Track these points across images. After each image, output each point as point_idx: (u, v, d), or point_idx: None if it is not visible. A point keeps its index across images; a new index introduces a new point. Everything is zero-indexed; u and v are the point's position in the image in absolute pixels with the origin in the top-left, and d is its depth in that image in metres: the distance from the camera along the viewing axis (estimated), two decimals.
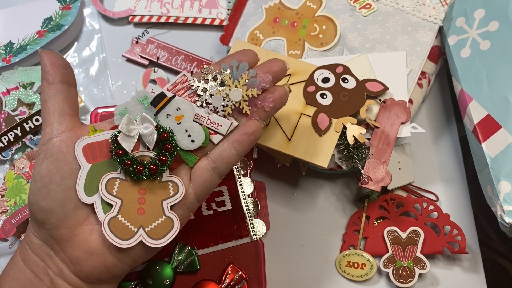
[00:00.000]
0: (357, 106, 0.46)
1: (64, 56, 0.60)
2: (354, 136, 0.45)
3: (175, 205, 0.36)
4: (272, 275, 0.50)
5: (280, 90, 0.38)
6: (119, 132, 0.35)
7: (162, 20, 0.60)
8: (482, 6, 0.50)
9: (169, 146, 0.36)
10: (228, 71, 0.37)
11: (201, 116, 0.37)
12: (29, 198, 0.35)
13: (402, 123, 0.46)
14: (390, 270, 0.48)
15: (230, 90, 0.37)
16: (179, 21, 0.60)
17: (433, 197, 0.53)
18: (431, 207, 0.50)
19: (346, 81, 0.47)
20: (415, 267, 0.48)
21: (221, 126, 0.37)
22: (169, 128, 0.36)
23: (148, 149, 0.36)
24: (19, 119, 0.54)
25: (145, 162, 0.35)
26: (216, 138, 0.37)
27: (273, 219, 0.52)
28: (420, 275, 0.49)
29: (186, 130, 0.36)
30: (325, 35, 0.52)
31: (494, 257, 0.63)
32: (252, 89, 0.37)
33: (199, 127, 0.36)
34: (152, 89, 0.37)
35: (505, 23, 0.47)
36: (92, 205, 0.35)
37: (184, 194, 0.36)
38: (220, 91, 0.37)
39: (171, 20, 0.60)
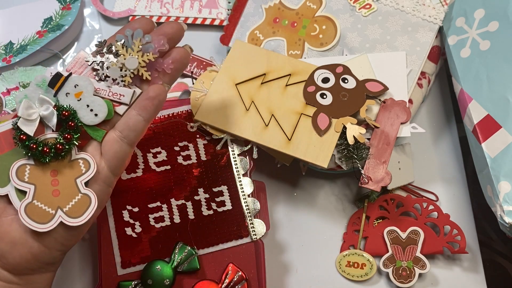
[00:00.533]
0: (357, 106, 0.46)
1: (64, 56, 0.60)
2: (354, 136, 0.45)
3: (89, 181, 0.36)
4: (272, 275, 0.50)
5: (179, 50, 0.38)
6: (19, 118, 0.35)
7: (162, 20, 0.60)
8: (482, 6, 0.50)
9: (71, 124, 0.36)
10: (123, 41, 0.37)
11: (102, 89, 0.37)
12: None
13: (402, 123, 0.46)
14: (390, 270, 0.49)
15: (125, 59, 0.37)
16: (179, 21, 0.60)
17: (433, 197, 0.53)
18: (431, 207, 0.50)
19: (346, 81, 0.47)
20: (415, 267, 0.48)
21: (124, 96, 0.37)
22: (70, 105, 0.36)
23: (53, 131, 0.36)
24: None
25: (50, 143, 0.35)
26: (120, 109, 0.37)
27: (273, 219, 0.52)
28: (420, 275, 0.49)
29: (88, 105, 0.36)
30: (325, 35, 0.52)
31: (494, 257, 0.63)
32: (148, 54, 0.37)
33: (100, 101, 0.36)
34: (51, 72, 0.37)
35: (505, 23, 0.47)
36: (6, 196, 0.35)
37: (96, 169, 0.36)
38: (115, 62, 0.37)
39: (171, 20, 0.60)
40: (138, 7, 0.61)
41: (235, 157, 0.47)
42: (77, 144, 0.36)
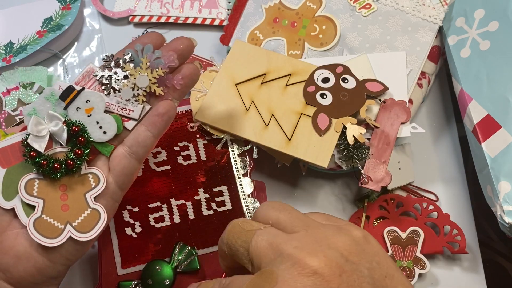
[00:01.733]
0: (357, 106, 0.46)
1: (64, 56, 0.60)
2: (354, 136, 0.45)
3: (98, 196, 0.36)
4: None
5: (189, 67, 0.38)
6: (29, 134, 0.35)
7: (162, 20, 0.60)
8: (482, 6, 0.50)
9: (82, 139, 0.35)
10: (130, 54, 0.37)
11: (111, 104, 0.37)
12: None
13: (402, 123, 0.46)
14: None
15: (135, 78, 0.36)
16: (179, 21, 0.60)
17: (433, 197, 0.53)
18: (431, 207, 0.50)
19: (346, 81, 0.47)
20: (415, 267, 0.48)
21: (133, 111, 0.37)
22: (79, 121, 0.36)
23: (61, 145, 0.36)
24: (19, 119, 0.54)
25: (61, 159, 0.35)
26: (130, 124, 0.37)
27: None
28: (420, 275, 0.49)
29: (98, 122, 0.36)
30: (325, 35, 0.52)
31: (494, 257, 0.63)
32: (157, 69, 0.36)
33: (110, 118, 0.36)
34: (60, 86, 0.37)
35: (505, 23, 0.47)
36: (13, 210, 0.35)
37: (106, 184, 0.35)
38: (126, 83, 0.36)
39: (171, 20, 0.60)
40: (138, 7, 0.61)
41: (235, 157, 0.47)
42: (87, 159, 0.36)
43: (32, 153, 0.35)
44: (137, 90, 0.36)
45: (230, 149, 0.47)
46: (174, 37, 0.60)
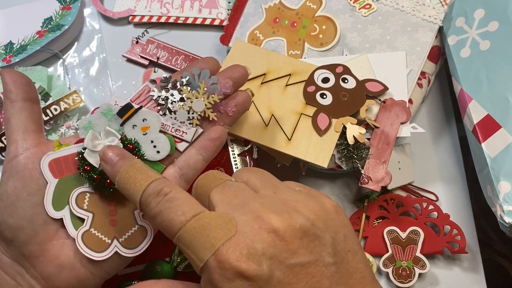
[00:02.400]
0: (357, 106, 0.46)
1: (64, 56, 0.60)
2: (354, 136, 0.45)
3: None
4: None
5: (242, 95, 0.39)
6: (84, 148, 0.35)
7: (162, 20, 0.60)
8: (482, 6, 0.50)
9: (136, 157, 0.36)
10: (187, 78, 0.38)
11: (166, 125, 0.38)
12: None
13: (402, 123, 0.46)
14: (390, 270, 0.49)
15: (192, 102, 0.37)
16: (179, 21, 0.60)
17: (433, 197, 0.53)
18: (431, 207, 0.50)
19: (346, 81, 0.47)
20: (415, 267, 0.48)
21: (186, 133, 0.37)
22: (134, 139, 0.37)
23: None
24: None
25: None
26: (181, 146, 0.37)
27: None
28: (420, 275, 0.49)
29: (152, 141, 0.37)
30: (325, 35, 0.52)
31: (494, 257, 0.63)
32: (213, 95, 0.37)
33: (165, 138, 0.37)
34: (116, 102, 0.38)
35: (505, 23, 0.47)
36: (61, 220, 0.35)
37: None
38: (182, 105, 0.37)
39: (171, 20, 0.60)
40: (138, 7, 0.61)
41: (235, 157, 0.47)
42: None
43: (86, 167, 0.35)
44: (193, 113, 0.37)
45: (230, 149, 0.47)
46: (174, 37, 0.61)
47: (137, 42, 0.60)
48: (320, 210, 0.27)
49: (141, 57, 0.59)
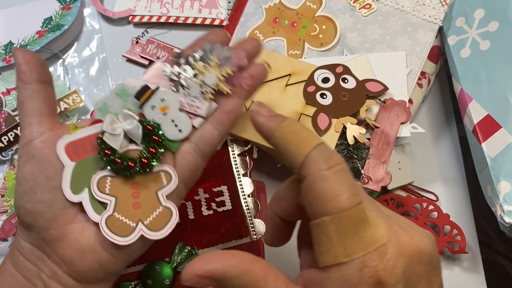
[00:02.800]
0: (357, 106, 0.46)
1: (64, 56, 0.60)
2: (354, 136, 0.45)
3: (169, 193, 0.35)
4: None
5: (257, 66, 0.37)
6: (102, 132, 0.35)
7: (162, 20, 0.60)
8: (482, 6, 0.50)
9: (156, 138, 0.35)
10: (201, 53, 0.37)
11: (180, 101, 0.37)
12: (16, 203, 0.34)
13: (402, 123, 0.46)
14: None
15: (204, 76, 0.36)
16: (179, 21, 0.60)
17: (433, 197, 0.53)
18: (431, 207, 0.50)
19: (346, 81, 0.47)
20: None
21: (200, 108, 0.36)
22: (153, 119, 0.36)
23: (133, 143, 0.36)
24: (19, 119, 0.54)
25: (134, 157, 0.35)
26: (196, 122, 0.37)
27: None
28: None
29: (173, 120, 0.36)
30: (325, 35, 0.52)
31: (494, 257, 0.63)
32: (226, 68, 0.36)
33: (185, 117, 0.36)
34: (129, 82, 0.37)
35: (505, 23, 0.47)
36: (80, 203, 0.35)
37: (177, 181, 0.35)
38: (195, 81, 0.36)
39: (171, 20, 0.60)
40: (138, 7, 0.61)
41: (235, 157, 0.47)
42: (161, 158, 0.35)
43: (107, 150, 0.35)
44: (205, 87, 0.36)
45: (230, 149, 0.47)
46: (174, 37, 0.61)
47: (137, 42, 0.60)
48: (433, 244, 0.27)
49: (141, 57, 0.59)
